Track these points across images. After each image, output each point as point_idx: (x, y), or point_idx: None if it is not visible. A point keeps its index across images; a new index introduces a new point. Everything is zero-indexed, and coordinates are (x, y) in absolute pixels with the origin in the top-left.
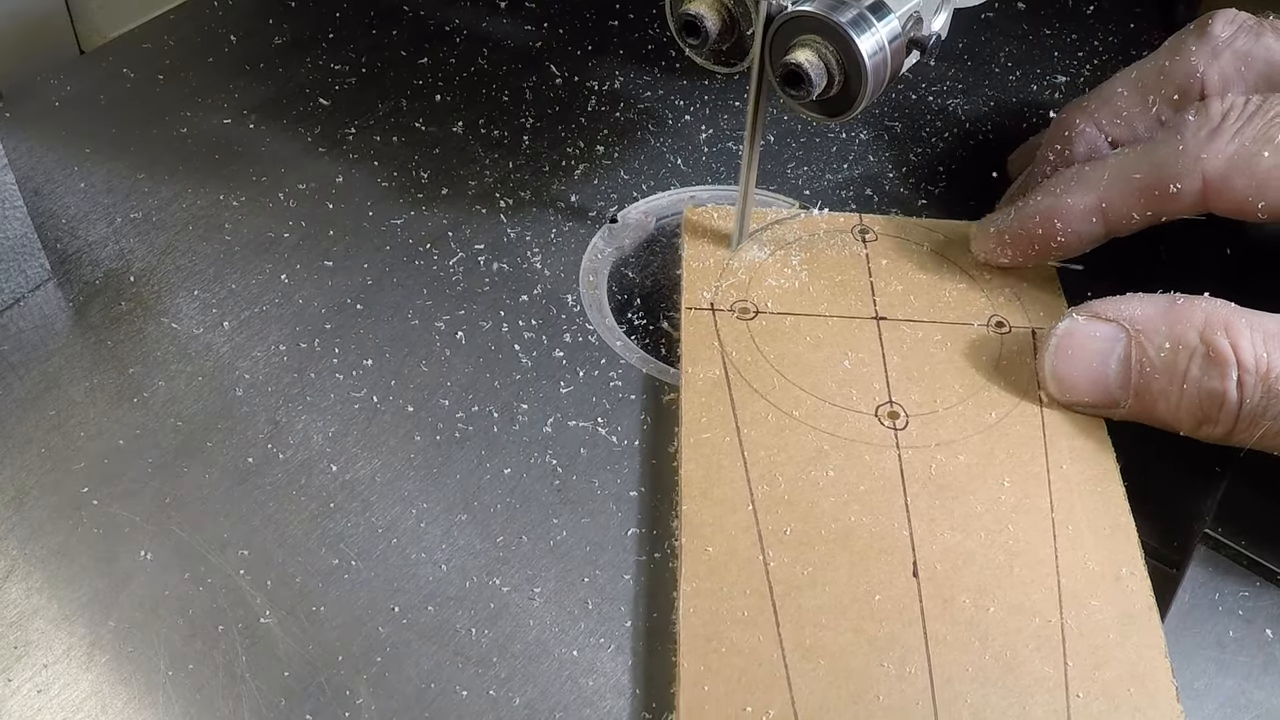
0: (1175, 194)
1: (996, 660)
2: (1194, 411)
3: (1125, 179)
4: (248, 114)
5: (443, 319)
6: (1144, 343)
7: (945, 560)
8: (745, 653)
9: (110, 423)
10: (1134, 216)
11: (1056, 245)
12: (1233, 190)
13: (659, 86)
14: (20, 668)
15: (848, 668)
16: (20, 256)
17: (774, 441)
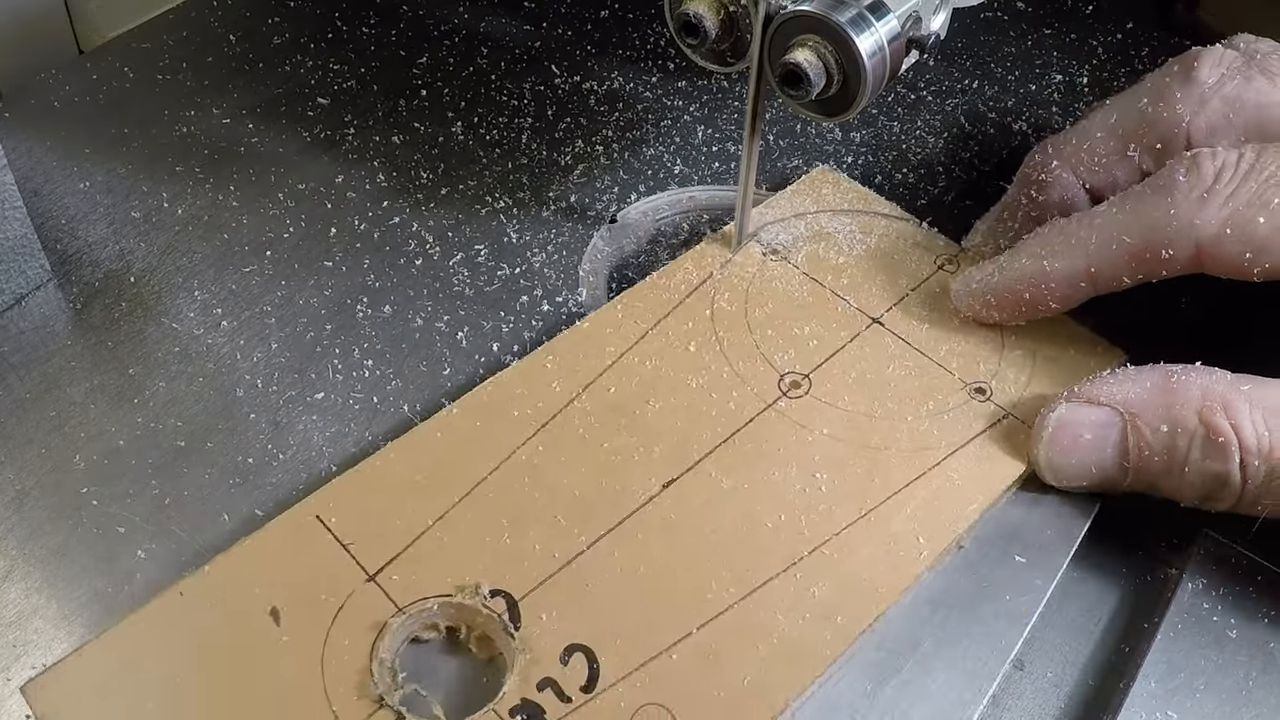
0: (1168, 259)
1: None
2: (1197, 490)
3: (1115, 242)
4: (248, 114)
5: (443, 319)
6: (1140, 426)
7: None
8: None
9: (110, 423)
10: (1124, 280)
11: (1043, 308)
12: (1228, 256)
13: (659, 87)
14: (20, 668)
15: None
16: (20, 257)
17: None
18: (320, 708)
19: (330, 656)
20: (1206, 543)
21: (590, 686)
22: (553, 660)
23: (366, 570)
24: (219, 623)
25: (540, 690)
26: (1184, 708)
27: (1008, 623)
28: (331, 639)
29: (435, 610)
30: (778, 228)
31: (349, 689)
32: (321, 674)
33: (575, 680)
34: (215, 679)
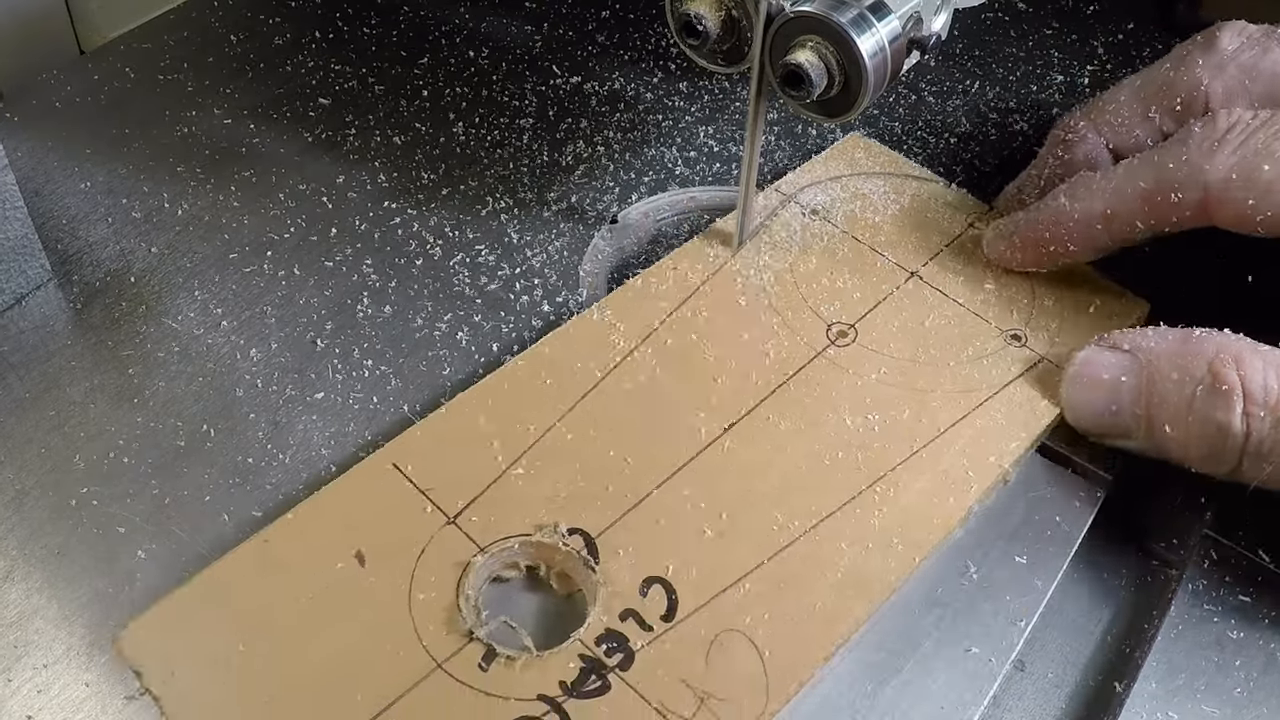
0: (1177, 203)
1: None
2: (1200, 444)
3: (1130, 187)
4: (248, 114)
5: (443, 319)
6: (1154, 374)
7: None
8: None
9: (110, 423)
10: (1138, 225)
11: (1064, 252)
12: (1233, 201)
13: (659, 87)
14: (20, 668)
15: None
16: (20, 257)
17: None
18: (410, 644)
19: (416, 595)
20: (1206, 543)
21: (670, 615)
22: (632, 592)
23: (446, 514)
24: (305, 567)
25: (623, 620)
26: (1184, 709)
27: (1008, 623)
28: (417, 579)
29: (516, 549)
30: (816, 189)
31: (437, 625)
32: (409, 612)
33: (655, 610)
34: (304, 620)
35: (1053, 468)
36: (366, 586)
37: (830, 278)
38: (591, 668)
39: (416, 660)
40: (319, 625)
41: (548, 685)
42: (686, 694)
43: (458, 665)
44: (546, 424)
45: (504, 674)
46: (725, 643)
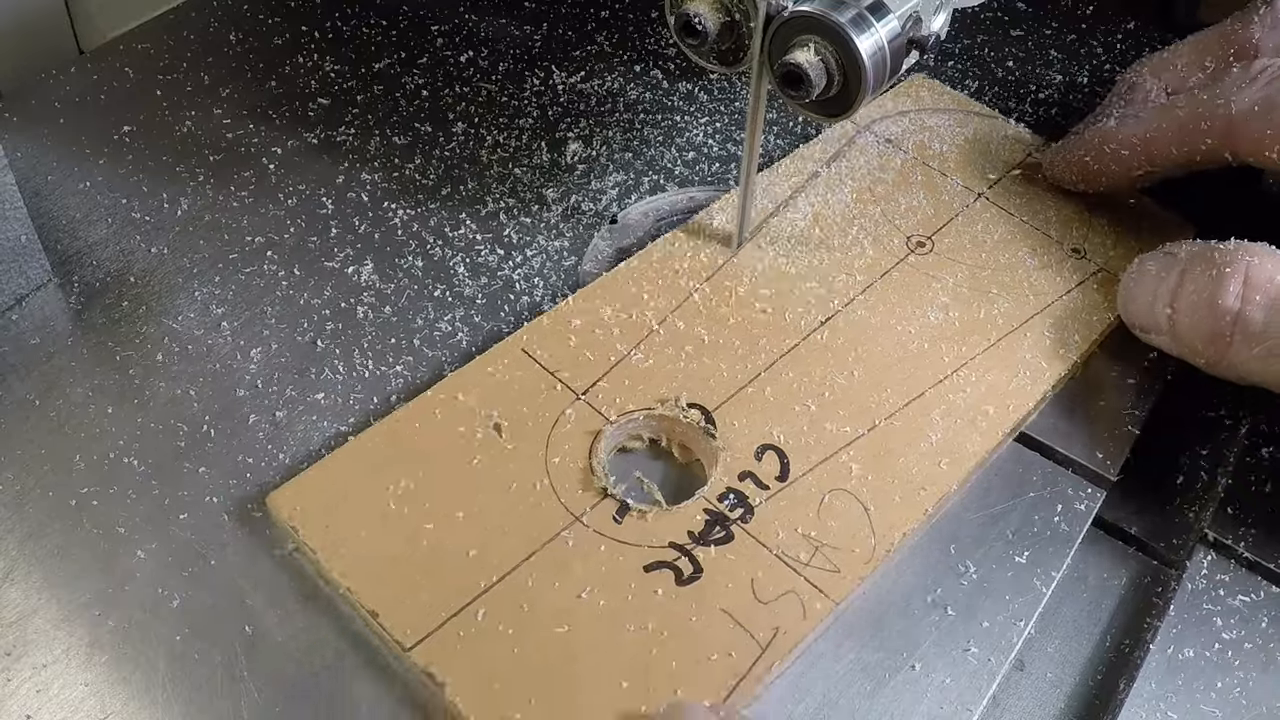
0: (1205, 130)
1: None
2: (1199, 323)
3: (1168, 115)
4: (248, 114)
5: (444, 319)
6: (1186, 270)
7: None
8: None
9: (110, 423)
10: (1171, 151)
11: (1107, 171)
12: (1251, 132)
13: (659, 87)
14: (19, 668)
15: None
16: (20, 257)
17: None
18: (550, 501)
19: (552, 460)
20: (1206, 543)
21: (783, 476)
22: (748, 456)
23: (575, 391)
24: (446, 437)
25: (741, 480)
26: (1184, 708)
27: (1008, 623)
28: (551, 445)
29: (641, 421)
30: (887, 122)
31: (574, 484)
32: (547, 473)
33: (770, 472)
34: (448, 483)
35: (1053, 468)
36: (506, 453)
37: (905, 197)
38: (716, 519)
39: (556, 515)
40: (464, 486)
41: (677, 535)
42: (802, 542)
43: (594, 518)
44: (661, 316)
45: (637, 525)
46: (834, 501)
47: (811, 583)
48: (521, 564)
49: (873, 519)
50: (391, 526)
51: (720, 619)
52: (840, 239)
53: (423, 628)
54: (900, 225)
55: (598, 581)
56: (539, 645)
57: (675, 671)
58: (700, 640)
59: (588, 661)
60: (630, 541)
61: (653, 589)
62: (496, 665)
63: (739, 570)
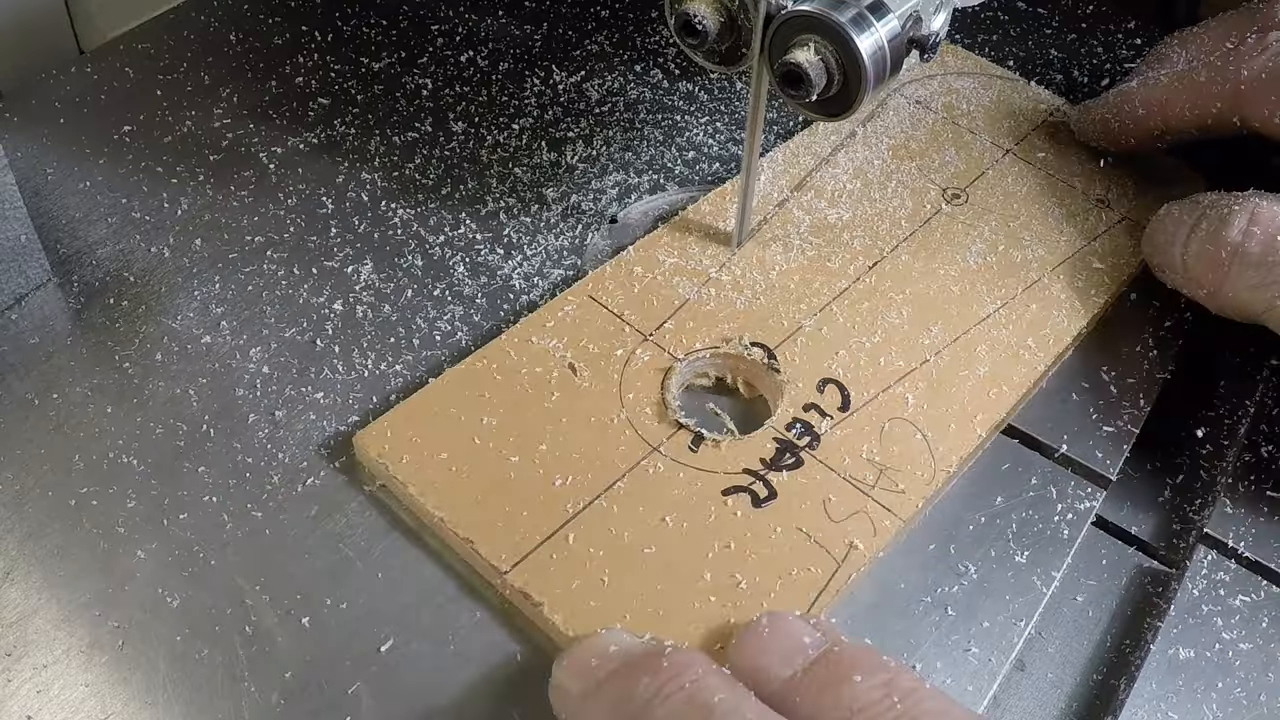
0: (1215, 94)
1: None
2: (1206, 256)
3: (1183, 79)
4: (248, 114)
5: (444, 319)
6: (1204, 213)
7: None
8: None
9: (110, 423)
10: (1185, 113)
11: (1125, 131)
12: (1257, 98)
13: (659, 87)
14: (19, 668)
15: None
16: (20, 257)
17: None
18: (628, 434)
19: (626, 395)
20: (1206, 543)
21: (845, 407)
22: (810, 389)
23: (643, 332)
24: (523, 377)
25: (805, 411)
26: (1184, 709)
27: (1008, 623)
28: (625, 381)
29: (708, 359)
30: (915, 85)
31: (648, 417)
32: (623, 408)
33: (832, 403)
34: (528, 419)
35: (1053, 467)
36: (582, 390)
37: (938, 153)
38: (785, 447)
39: (635, 446)
40: (544, 422)
41: (750, 461)
42: (867, 466)
43: (671, 448)
44: (719, 263)
45: (712, 453)
46: (893, 429)
47: (879, 503)
48: (605, 492)
49: (931, 445)
50: (477, 461)
51: (797, 537)
52: (880, 192)
53: (517, 553)
54: (935, 179)
55: (679, 506)
56: (628, 566)
57: (759, 586)
58: (780, 557)
59: (675, 579)
60: (707, 469)
61: (732, 511)
62: (589, 585)
63: (811, 492)
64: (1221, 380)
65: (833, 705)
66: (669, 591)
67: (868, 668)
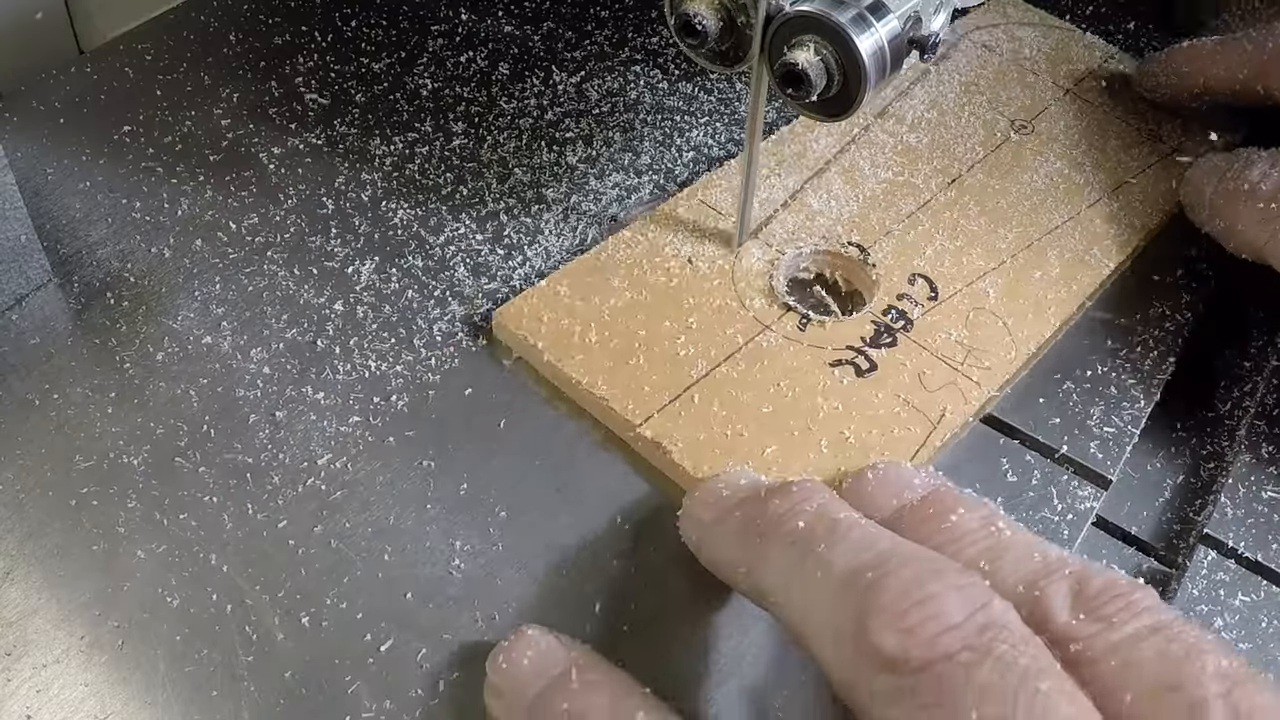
0: (1245, 58)
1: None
2: (1226, 191)
3: (1225, 44)
4: (248, 114)
5: (444, 319)
6: (1239, 160)
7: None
8: None
9: (110, 423)
10: (1220, 75)
11: (1169, 86)
12: (1276, 70)
13: (659, 87)
14: (19, 668)
15: None
16: (20, 257)
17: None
18: (742, 314)
19: (738, 283)
20: (1206, 543)
21: (934, 297)
22: (903, 282)
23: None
24: (645, 265)
25: (899, 300)
26: None
27: None
28: (736, 272)
29: (809, 254)
30: (979, 33)
31: (760, 303)
32: (736, 293)
33: (922, 294)
34: (652, 299)
35: (1052, 467)
36: (699, 277)
37: (1005, 90)
38: (882, 329)
39: (749, 324)
40: (667, 302)
41: (853, 340)
42: (956, 347)
43: (781, 328)
44: (815, 168)
45: (818, 332)
46: (977, 317)
47: (967, 376)
48: (724, 361)
49: (1011, 330)
50: (607, 333)
51: (897, 402)
52: (954, 121)
53: (648, 409)
54: (1003, 112)
55: (790, 374)
56: (748, 421)
57: (865, 441)
58: (882, 419)
59: (791, 431)
60: (814, 344)
61: (839, 380)
62: (713, 437)
63: (907, 365)
64: (1221, 380)
65: (934, 532)
66: (785, 441)
67: (970, 505)
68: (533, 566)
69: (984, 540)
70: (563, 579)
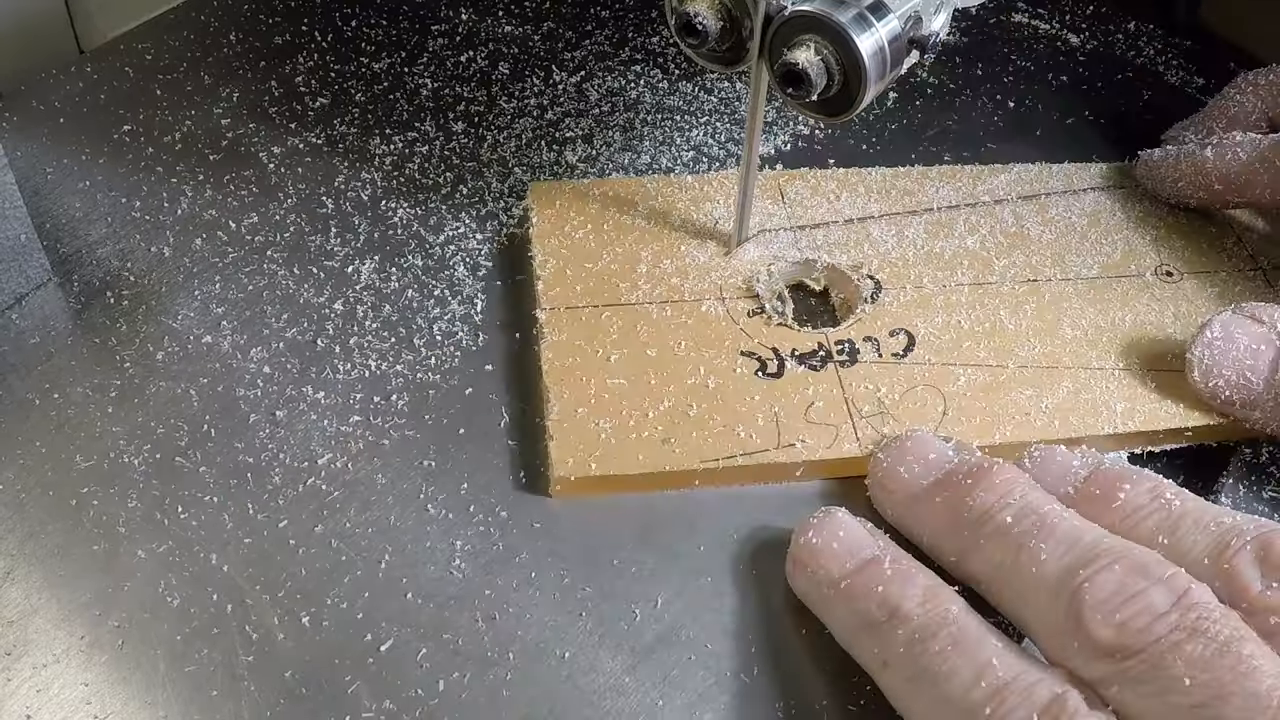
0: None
1: None
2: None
3: (1266, 164)
4: (248, 114)
5: (444, 319)
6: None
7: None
8: None
9: (110, 423)
10: (1265, 196)
11: (1196, 197)
12: None
13: (659, 87)
14: (19, 668)
15: None
16: (20, 257)
17: None
18: (710, 277)
19: (730, 259)
20: None
21: (900, 356)
22: (885, 329)
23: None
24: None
25: (864, 340)
26: None
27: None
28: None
29: (810, 264)
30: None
31: (738, 280)
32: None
33: (891, 347)
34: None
35: None
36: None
37: (1184, 239)
38: (823, 353)
39: (708, 287)
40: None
41: (781, 344)
42: (874, 400)
43: (732, 303)
44: (913, 208)
45: (756, 323)
46: (925, 394)
47: (855, 428)
48: (667, 303)
49: (945, 418)
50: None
51: (766, 412)
52: (1097, 235)
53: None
54: (1160, 254)
55: (704, 341)
56: (636, 351)
57: (708, 426)
58: (738, 414)
59: (649, 378)
60: (745, 330)
61: (736, 367)
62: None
63: (806, 390)
64: None
65: (1105, 510)
66: (636, 384)
67: (1134, 478)
68: (533, 566)
69: (1157, 514)
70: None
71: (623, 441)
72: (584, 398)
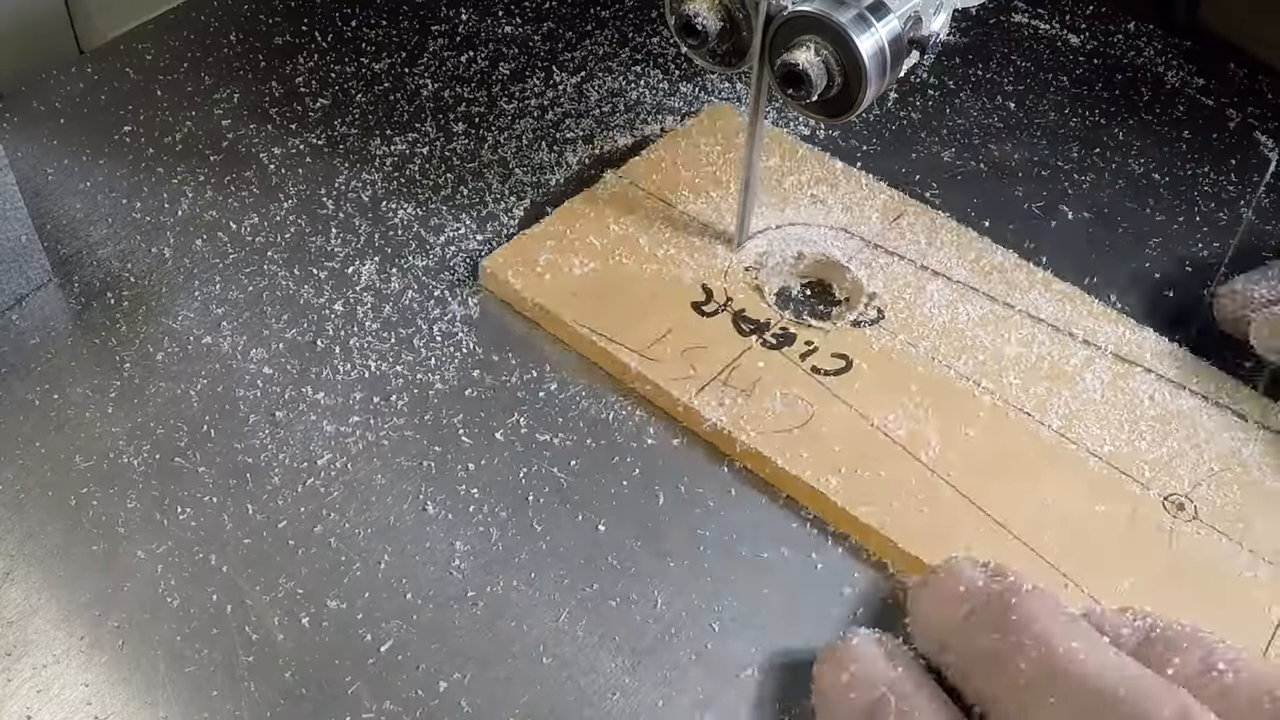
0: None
1: None
2: None
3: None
4: (248, 114)
5: (444, 319)
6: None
7: None
8: None
9: (110, 423)
10: None
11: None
12: None
13: (660, 87)
14: (19, 668)
15: None
16: (20, 257)
17: None
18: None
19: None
20: None
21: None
22: (829, 353)
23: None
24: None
25: (832, 358)
26: None
27: None
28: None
29: (826, 264)
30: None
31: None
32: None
33: (831, 366)
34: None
35: None
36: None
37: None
38: (783, 338)
39: (710, 273)
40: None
41: (757, 311)
42: (750, 385)
43: (734, 275)
44: (960, 280)
45: (736, 288)
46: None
47: (707, 388)
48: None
49: (793, 436)
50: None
51: (677, 329)
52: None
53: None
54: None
55: (671, 272)
56: (630, 245)
57: (621, 311)
58: (652, 313)
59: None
60: (716, 284)
61: (699, 309)
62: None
63: (733, 344)
64: None
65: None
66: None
67: (1184, 647)
68: (533, 566)
69: (1209, 687)
70: (563, 578)
71: (555, 276)
72: (560, 233)
